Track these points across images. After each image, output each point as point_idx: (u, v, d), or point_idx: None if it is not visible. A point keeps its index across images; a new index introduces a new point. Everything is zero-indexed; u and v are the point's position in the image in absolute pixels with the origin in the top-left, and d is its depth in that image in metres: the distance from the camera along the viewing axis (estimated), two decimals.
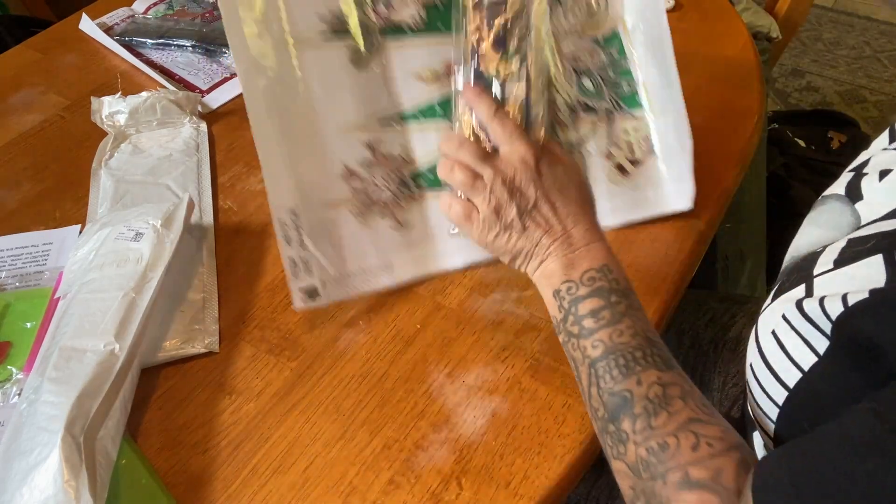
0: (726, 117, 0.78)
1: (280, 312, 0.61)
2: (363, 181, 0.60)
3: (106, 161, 0.75)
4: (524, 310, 0.61)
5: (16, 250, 0.67)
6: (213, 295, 0.62)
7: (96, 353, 0.51)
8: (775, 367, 0.43)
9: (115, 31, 0.93)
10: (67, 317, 0.54)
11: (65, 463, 0.45)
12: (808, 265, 0.44)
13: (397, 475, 0.51)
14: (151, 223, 0.60)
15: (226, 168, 0.75)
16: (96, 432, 0.48)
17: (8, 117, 0.82)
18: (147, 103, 0.77)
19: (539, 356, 0.58)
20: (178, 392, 0.56)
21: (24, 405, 0.50)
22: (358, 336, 0.60)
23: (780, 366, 0.42)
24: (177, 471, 0.52)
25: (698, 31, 0.91)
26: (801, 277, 0.43)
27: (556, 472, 0.51)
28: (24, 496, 0.44)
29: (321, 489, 0.50)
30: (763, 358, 0.44)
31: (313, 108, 0.58)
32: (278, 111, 0.57)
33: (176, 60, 0.89)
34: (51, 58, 0.91)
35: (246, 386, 0.56)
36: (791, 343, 0.42)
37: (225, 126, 0.80)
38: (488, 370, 0.57)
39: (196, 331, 0.59)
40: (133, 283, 0.56)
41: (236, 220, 0.70)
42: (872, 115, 1.88)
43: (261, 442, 0.53)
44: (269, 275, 0.65)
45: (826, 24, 2.24)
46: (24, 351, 0.58)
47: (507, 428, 0.53)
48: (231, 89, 0.85)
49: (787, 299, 0.42)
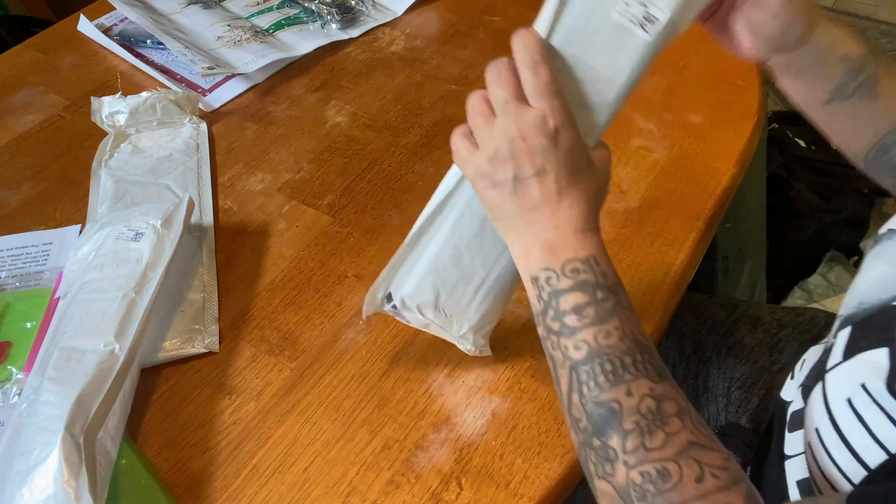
0: (726, 117, 0.78)
1: (280, 312, 0.62)
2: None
3: (106, 161, 0.75)
4: (524, 310, 0.61)
5: (16, 250, 0.67)
6: (213, 295, 0.62)
7: (96, 353, 0.51)
8: (853, 443, 0.39)
9: (114, 32, 0.93)
10: (67, 317, 0.54)
11: (65, 463, 0.45)
12: (887, 321, 0.40)
13: (397, 475, 0.51)
14: (151, 223, 0.60)
15: (226, 168, 0.75)
16: (96, 432, 0.48)
17: (8, 117, 0.82)
18: (147, 103, 0.77)
19: (539, 356, 0.58)
20: (178, 392, 0.56)
21: (24, 405, 0.50)
22: (358, 336, 0.60)
23: (861, 443, 0.38)
24: (177, 471, 0.52)
25: (698, 31, 0.91)
26: (881, 339, 0.39)
27: (556, 472, 0.51)
28: (24, 496, 0.44)
29: (321, 489, 0.50)
30: (836, 428, 0.40)
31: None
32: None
33: (177, 60, 0.89)
34: (51, 58, 0.91)
35: (246, 386, 0.56)
36: (875, 421, 0.38)
37: (225, 126, 0.80)
38: (488, 370, 0.57)
39: (196, 331, 0.59)
40: (133, 283, 0.56)
41: (236, 220, 0.70)
42: None
43: (261, 442, 0.53)
44: (269, 275, 0.65)
45: None
46: (24, 351, 0.58)
47: (507, 428, 0.53)
48: (232, 89, 0.85)
49: (867, 365, 0.39)
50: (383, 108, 0.82)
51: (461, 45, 0.91)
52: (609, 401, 0.40)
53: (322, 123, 0.80)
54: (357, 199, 0.71)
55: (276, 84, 0.86)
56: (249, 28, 0.92)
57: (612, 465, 0.39)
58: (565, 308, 0.42)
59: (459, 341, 0.55)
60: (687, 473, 0.37)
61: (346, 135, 0.79)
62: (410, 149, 0.76)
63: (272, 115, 0.82)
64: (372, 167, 0.75)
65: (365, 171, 0.74)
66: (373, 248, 0.67)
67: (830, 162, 1.46)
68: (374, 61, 0.89)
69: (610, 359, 0.40)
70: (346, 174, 0.74)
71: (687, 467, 0.38)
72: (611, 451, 0.39)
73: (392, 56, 0.90)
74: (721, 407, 0.71)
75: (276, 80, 0.86)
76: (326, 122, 0.80)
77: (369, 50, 0.91)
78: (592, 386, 0.40)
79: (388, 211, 0.70)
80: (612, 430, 0.39)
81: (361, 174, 0.74)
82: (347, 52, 0.91)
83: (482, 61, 0.87)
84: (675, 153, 0.74)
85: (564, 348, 0.42)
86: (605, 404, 0.40)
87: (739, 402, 0.69)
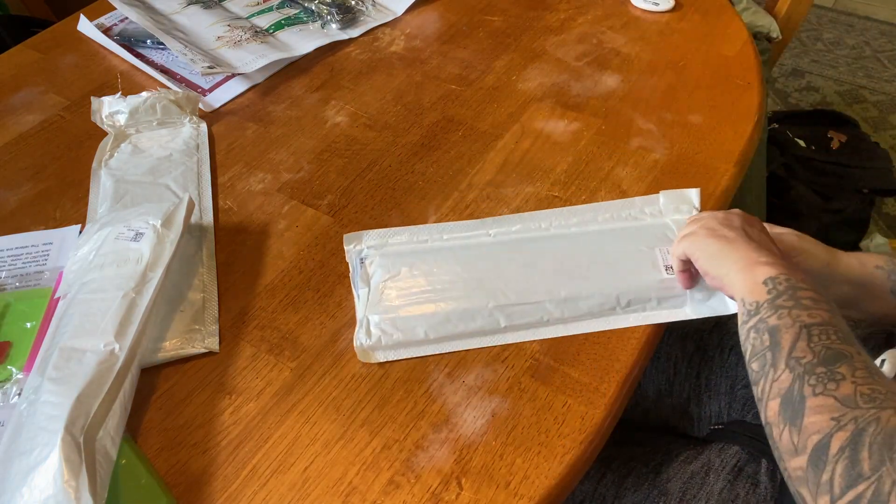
0: (726, 117, 0.78)
1: (280, 312, 0.61)
2: None
3: (106, 161, 0.75)
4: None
5: (16, 250, 0.67)
6: (213, 295, 0.62)
7: (96, 353, 0.51)
8: None
9: (114, 32, 0.93)
10: (67, 317, 0.54)
11: (65, 463, 0.45)
12: None
13: (397, 475, 0.51)
14: (151, 223, 0.60)
15: (226, 168, 0.75)
16: (96, 432, 0.48)
17: (8, 117, 0.82)
18: (147, 103, 0.77)
19: (539, 356, 0.58)
20: (178, 392, 0.56)
21: (24, 405, 0.50)
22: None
23: None
24: (177, 471, 0.52)
25: (698, 31, 0.92)
26: None
27: (556, 472, 0.51)
28: (24, 496, 0.44)
29: (321, 489, 0.50)
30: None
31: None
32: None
33: (177, 60, 0.89)
34: (51, 58, 0.91)
35: (246, 386, 0.56)
36: None
37: (225, 126, 0.80)
38: (488, 370, 0.57)
39: (196, 331, 0.59)
40: (133, 283, 0.56)
41: (236, 220, 0.70)
42: (872, 115, 1.88)
43: (261, 442, 0.53)
44: (269, 275, 0.65)
45: (826, 24, 2.23)
46: (24, 351, 0.58)
47: (507, 428, 0.53)
48: (232, 89, 0.85)
49: None
50: (383, 108, 0.82)
51: (461, 45, 0.91)
52: (841, 349, 0.44)
53: (322, 123, 0.80)
54: (357, 199, 0.71)
55: (276, 84, 0.86)
56: (249, 28, 0.92)
57: (836, 384, 0.42)
58: (803, 296, 0.48)
59: (359, 323, 0.59)
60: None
61: (346, 135, 0.79)
62: (410, 149, 0.76)
63: (272, 115, 0.82)
64: (372, 167, 0.75)
65: (365, 171, 0.74)
66: None
67: (830, 162, 1.46)
68: (374, 61, 0.89)
69: (842, 330, 0.46)
70: (346, 174, 0.74)
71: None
72: (838, 374, 0.43)
73: (392, 56, 0.90)
74: (724, 405, 0.71)
75: (276, 80, 0.86)
76: (326, 122, 0.80)
77: (369, 50, 0.91)
78: (824, 338, 0.45)
79: (388, 211, 0.70)
80: (842, 363, 0.43)
81: (361, 174, 0.74)
82: (347, 52, 0.91)
83: (482, 61, 0.88)
84: (675, 153, 0.75)
85: (796, 316, 0.47)
86: (838, 350, 0.44)
87: (745, 399, 0.69)
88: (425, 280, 0.61)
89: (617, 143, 0.76)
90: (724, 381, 0.72)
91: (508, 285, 0.60)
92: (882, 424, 0.39)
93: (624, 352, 0.58)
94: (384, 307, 0.59)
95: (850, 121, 1.56)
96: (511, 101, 0.82)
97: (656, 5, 0.95)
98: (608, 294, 0.60)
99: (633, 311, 0.60)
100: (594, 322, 0.59)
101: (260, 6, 0.98)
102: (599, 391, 0.55)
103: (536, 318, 0.59)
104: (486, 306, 0.59)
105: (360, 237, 0.65)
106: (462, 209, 0.70)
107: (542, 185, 0.72)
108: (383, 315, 0.59)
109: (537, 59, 0.88)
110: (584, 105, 0.81)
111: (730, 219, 0.57)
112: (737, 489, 0.61)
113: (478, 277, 0.61)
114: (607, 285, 0.60)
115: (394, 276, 0.61)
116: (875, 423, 0.39)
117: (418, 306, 0.59)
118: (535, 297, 0.59)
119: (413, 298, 0.60)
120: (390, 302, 0.60)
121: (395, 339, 0.58)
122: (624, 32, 0.92)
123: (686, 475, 0.63)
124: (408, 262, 0.62)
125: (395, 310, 0.59)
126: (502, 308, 0.59)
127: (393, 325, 0.58)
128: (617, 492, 0.65)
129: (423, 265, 0.62)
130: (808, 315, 0.47)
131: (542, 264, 0.62)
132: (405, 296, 0.60)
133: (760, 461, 0.62)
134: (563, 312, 0.59)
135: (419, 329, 0.58)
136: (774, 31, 1.23)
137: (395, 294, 0.60)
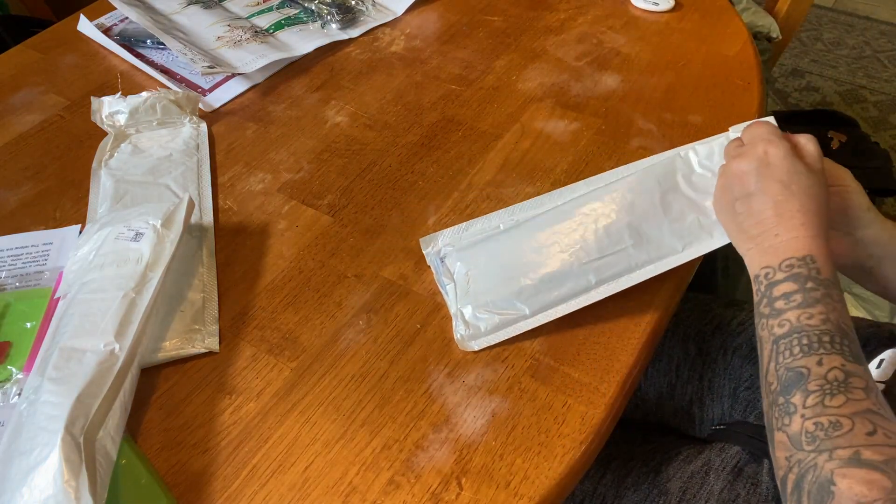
0: (726, 117, 0.78)
1: (280, 312, 0.62)
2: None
3: (106, 161, 0.75)
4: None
5: (16, 250, 0.67)
6: (213, 295, 0.62)
7: (96, 353, 0.51)
8: None
9: (114, 32, 0.93)
10: (67, 317, 0.54)
11: (65, 463, 0.45)
12: None
13: (397, 475, 0.51)
14: (151, 223, 0.60)
15: (226, 168, 0.75)
16: (96, 432, 0.48)
17: (8, 117, 0.82)
18: (147, 103, 0.77)
19: (539, 356, 0.58)
20: (178, 392, 0.56)
21: (24, 405, 0.50)
22: (358, 336, 0.60)
23: None
24: (177, 471, 0.52)
25: (698, 31, 0.92)
26: None
27: (556, 472, 0.51)
28: (24, 496, 0.44)
29: (321, 489, 0.50)
30: None
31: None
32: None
33: (177, 60, 0.89)
34: (51, 58, 0.91)
35: (246, 386, 0.56)
36: None
37: (225, 126, 0.80)
38: (488, 370, 0.57)
39: (196, 331, 0.59)
40: (133, 283, 0.56)
41: (236, 220, 0.70)
42: (872, 115, 1.88)
43: (261, 442, 0.53)
44: (269, 275, 0.65)
45: (826, 24, 2.24)
46: (24, 351, 0.58)
47: (507, 428, 0.53)
48: (232, 89, 0.85)
49: None
50: (383, 108, 0.82)
51: (461, 45, 0.91)
52: (799, 367, 0.43)
53: (322, 123, 0.80)
54: (357, 199, 0.71)
55: (276, 84, 0.86)
56: (249, 28, 0.92)
57: (790, 418, 0.42)
58: (776, 295, 0.47)
59: (455, 317, 0.60)
60: (859, 427, 0.39)
61: (346, 135, 0.79)
62: (410, 149, 0.76)
63: (272, 115, 0.82)
64: (372, 167, 0.75)
65: (365, 171, 0.74)
66: (373, 248, 0.67)
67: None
68: (374, 61, 0.89)
69: (808, 335, 0.44)
70: (346, 174, 0.74)
71: (860, 423, 0.39)
72: (792, 406, 0.42)
73: (392, 56, 0.90)
74: (727, 407, 0.71)
75: (276, 80, 0.86)
76: (326, 122, 0.80)
77: (369, 50, 0.91)
78: (787, 355, 0.44)
79: (388, 211, 0.70)
80: (796, 390, 0.42)
81: (361, 174, 0.74)
82: (347, 52, 0.91)
83: (482, 61, 0.88)
84: None
85: (770, 327, 0.47)
86: (796, 369, 0.43)
87: (748, 401, 0.69)
88: (507, 259, 0.61)
89: (617, 143, 0.76)
90: (728, 383, 0.72)
91: (588, 242, 0.60)
92: (817, 473, 0.39)
93: (624, 351, 0.58)
94: (474, 296, 0.60)
95: (850, 121, 1.56)
96: (511, 101, 0.82)
97: (656, 5, 0.95)
98: (683, 224, 0.59)
99: (708, 233, 0.59)
100: (681, 256, 0.59)
101: (260, 6, 0.98)
102: (600, 391, 0.55)
103: (623, 266, 0.58)
104: (571, 268, 0.59)
105: (436, 238, 0.66)
106: (462, 209, 0.70)
107: (543, 184, 0.72)
108: (475, 303, 0.59)
109: (537, 59, 0.88)
110: (584, 105, 0.81)
111: (782, 166, 0.52)
112: (737, 489, 0.61)
113: (556, 242, 0.61)
114: (681, 215, 0.59)
115: (475, 265, 0.62)
116: (812, 470, 0.39)
117: (506, 285, 0.59)
118: (616, 247, 0.59)
119: (499, 279, 0.60)
120: (478, 289, 0.60)
121: (494, 323, 0.58)
122: (624, 32, 0.92)
123: (686, 475, 0.63)
124: (485, 248, 0.63)
125: (486, 293, 0.60)
126: (588, 265, 0.59)
127: (487, 309, 0.59)
128: (617, 491, 0.65)
129: (500, 245, 0.63)
130: (779, 324, 0.46)
131: (614, 215, 0.61)
132: (491, 279, 0.61)
133: (762, 461, 0.62)
134: (648, 254, 0.59)
135: (514, 306, 0.58)
136: (774, 31, 1.23)
137: (481, 281, 0.61)
